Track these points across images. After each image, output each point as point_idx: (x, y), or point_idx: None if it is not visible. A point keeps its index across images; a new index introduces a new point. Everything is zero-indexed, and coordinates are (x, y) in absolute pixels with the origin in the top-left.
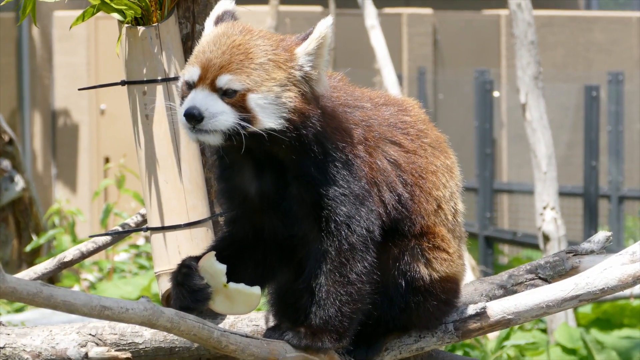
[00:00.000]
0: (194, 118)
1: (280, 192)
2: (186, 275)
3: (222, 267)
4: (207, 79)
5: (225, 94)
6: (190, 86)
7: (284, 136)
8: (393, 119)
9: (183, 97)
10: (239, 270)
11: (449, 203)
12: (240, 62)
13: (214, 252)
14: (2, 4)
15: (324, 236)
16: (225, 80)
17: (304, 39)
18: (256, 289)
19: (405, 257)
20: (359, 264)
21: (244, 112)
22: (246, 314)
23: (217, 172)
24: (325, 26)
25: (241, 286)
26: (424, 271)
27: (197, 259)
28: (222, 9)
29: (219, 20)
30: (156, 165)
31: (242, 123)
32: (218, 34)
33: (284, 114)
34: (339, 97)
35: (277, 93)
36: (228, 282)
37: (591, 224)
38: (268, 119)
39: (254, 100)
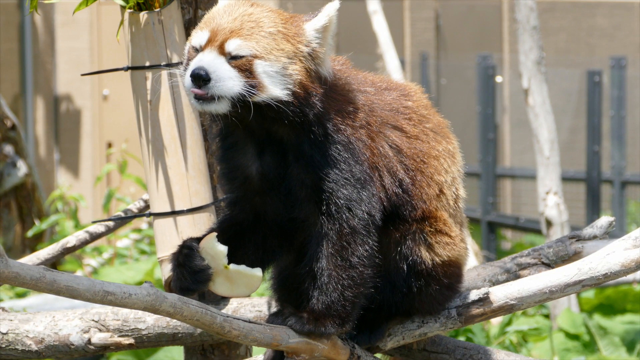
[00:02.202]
0: (201, 78)
1: (281, 173)
2: (187, 256)
3: (224, 249)
4: (216, 42)
5: (233, 59)
6: (197, 50)
7: (287, 109)
8: (395, 104)
9: (189, 61)
10: (240, 253)
11: (450, 188)
12: (251, 28)
13: (215, 234)
14: None
15: (325, 219)
16: (234, 45)
17: (313, 18)
18: (257, 271)
19: (407, 241)
20: (360, 248)
21: (251, 79)
22: (246, 296)
23: (219, 154)
24: (333, 8)
25: (242, 267)
26: (425, 255)
27: (199, 240)
28: None
29: None
30: (159, 150)
31: (249, 89)
32: (230, 4)
33: (289, 86)
34: (342, 79)
35: (285, 64)
36: (229, 263)
37: (594, 209)
38: (274, 88)
39: (262, 67)
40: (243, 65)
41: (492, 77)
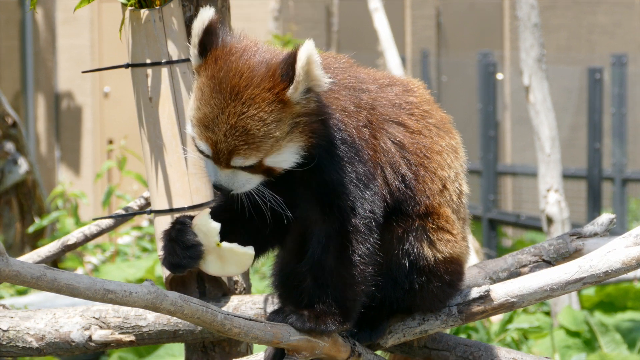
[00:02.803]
0: (225, 191)
1: (284, 175)
2: (180, 231)
3: (216, 225)
4: (222, 162)
5: (243, 169)
6: (203, 153)
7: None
8: (398, 100)
9: (198, 149)
10: (230, 238)
11: (454, 183)
12: (244, 142)
13: (208, 210)
14: None
15: (327, 218)
16: (239, 162)
17: (288, 63)
18: (249, 249)
19: (410, 238)
20: (362, 246)
21: (265, 171)
22: (237, 274)
23: None
24: (305, 55)
25: (234, 245)
26: (427, 252)
27: (192, 218)
28: (201, 27)
29: (202, 46)
30: (160, 147)
31: (267, 176)
32: (208, 95)
33: (300, 151)
34: (344, 79)
35: (288, 143)
36: (221, 241)
37: (595, 207)
38: (287, 164)
39: (270, 161)
40: (254, 169)
41: (493, 74)
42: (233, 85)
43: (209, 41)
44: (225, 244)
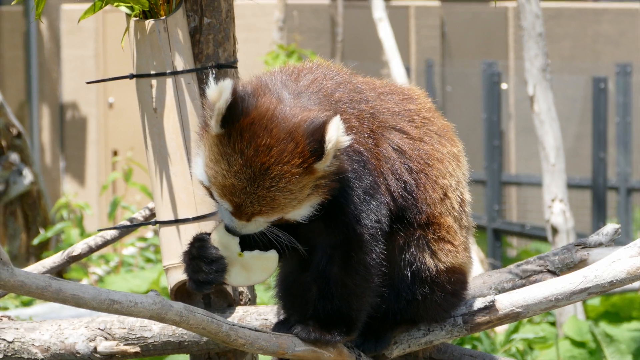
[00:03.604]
0: (237, 234)
1: None
2: (201, 247)
3: (235, 237)
4: (243, 219)
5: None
6: (222, 206)
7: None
8: (397, 107)
9: (215, 199)
10: (247, 247)
11: (455, 192)
12: (270, 207)
13: (224, 224)
14: (13, 3)
15: (332, 230)
16: (260, 220)
17: (316, 139)
18: (272, 252)
19: (411, 248)
20: (367, 257)
21: (282, 221)
22: (264, 281)
23: None
24: (335, 135)
25: (256, 252)
26: (429, 262)
27: (208, 235)
28: (224, 105)
29: (225, 120)
30: (165, 158)
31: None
32: (237, 169)
33: (317, 205)
34: (346, 95)
35: (308, 202)
36: (242, 251)
37: (599, 216)
38: (304, 216)
39: (289, 215)
40: (276, 223)
41: (498, 84)
42: (263, 162)
43: (232, 114)
44: (247, 252)
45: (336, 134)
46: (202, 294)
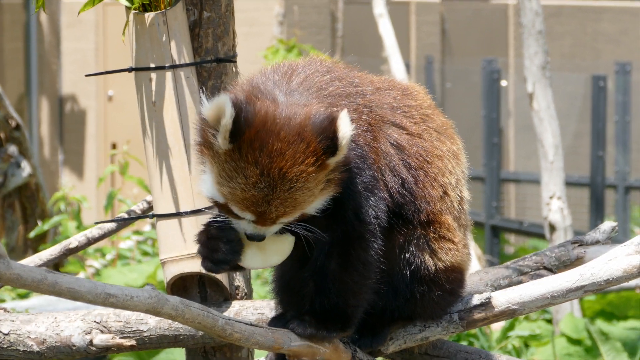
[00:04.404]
0: (259, 238)
1: None
2: (219, 228)
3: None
4: (267, 224)
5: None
6: (238, 216)
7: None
8: (396, 103)
9: (232, 213)
10: None
11: (455, 190)
12: (292, 207)
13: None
14: None
15: (331, 225)
16: (284, 221)
17: (327, 136)
18: (287, 234)
19: (411, 247)
20: (365, 253)
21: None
22: (279, 263)
23: None
24: (347, 132)
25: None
26: (429, 261)
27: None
28: (229, 122)
29: (233, 135)
30: (163, 152)
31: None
32: (256, 179)
33: (330, 197)
34: (342, 88)
35: (321, 196)
36: None
37: (597, 214)
38: (318, 209)
39: (308, 212)
40: (295, 220)
41: (497, 81)
42: (280, 167)
43: (237, 127)
44: None
45: (348, 129)
46: (217, 273)
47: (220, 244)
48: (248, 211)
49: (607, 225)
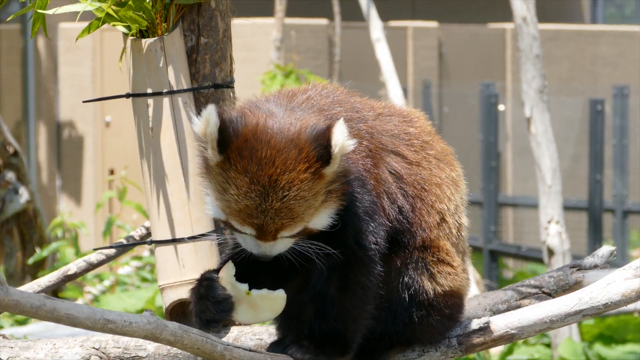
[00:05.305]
0: (268, 258)
1: None
2: (208, 287)
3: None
4: (269, 238)
5: (288, 236)
6: (246, 234)
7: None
8: (397, 130)
9: (236, 230)
10: (258, 280)
11: (453, 216)
12: (290, 218)
13: (231, 263)
14: (9, 18)
15: (331, 252)
16: (286, 234)
17: (320, 144)
18: (280, 292)
19: (409, 270)
20: (365, 278)
21: (306, 233)
22: (271, 319)
23: None
24: (341, 140)
25: (264, 292)
26: (427, 285)
27: (216, 271)
28: (215, 131)
29: (221, 145)
30: (161, 177)
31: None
32: (247, 188)
33: (335, 210)
34: (341, 113)
35: (324, 209)
36: (250, 289)
37: (596, 238)
38: (325, 225)
39: (312, 226)
40: (297, 235)
41: (495, 105)
42: (270, 175)
43: (225, 137)
44: (254, 291)
45: (342, 138)
46: (209, 332)
47: (210, 304)
48: (246, 224)
49: (606, 249)
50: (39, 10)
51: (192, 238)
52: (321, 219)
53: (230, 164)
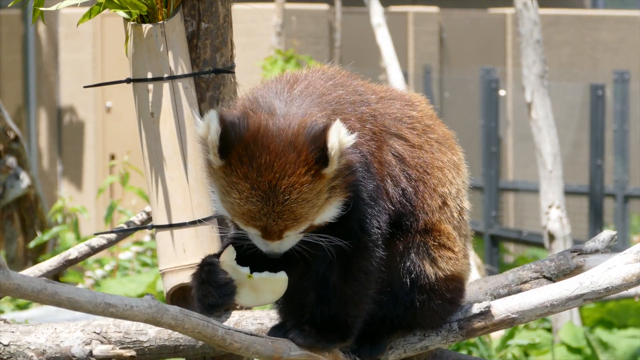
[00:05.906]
0: (277, 255)
1: None
2: (210, 272)
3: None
4: (274, 238)
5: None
6: (252, 234)
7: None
8: (399, 114)
9: (239, 229)
10: (259, 263)
11: (455, 200)
12: (293, 219)
13: (232, 247)
14: (10, 4)
15: (335, 236)
16: (291, 234)
17: (318, 147)
18: (281, 274)
19: (411, 255)
20: (367, 262)
21: (313, 228)
22: (274, 302)
23: None
24: (337, 140)
25: (265, 274)
26: (429, 269)
27: (217, 255)
28: (216, 137)
29: (222, 151)
30: (162, 163)
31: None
32: (248, 193)
33: (341, 203)
34: (346, 95)
35: (329, 205)
36: (251, 272)
37: (596, 223)
38: (332, 216)
39: (318, 220)
40: (304, 231)
41: (496, 90)
42: (269, 181)
43: (226, 143)
44: (256, 274)
45: (337, 139)
46: (211, 316)
47: (211, 289)
48: (250, 226)
49: (606, 234)
50: None
51: (193, 223)
52: (327, 214)
53: (232, 169)
